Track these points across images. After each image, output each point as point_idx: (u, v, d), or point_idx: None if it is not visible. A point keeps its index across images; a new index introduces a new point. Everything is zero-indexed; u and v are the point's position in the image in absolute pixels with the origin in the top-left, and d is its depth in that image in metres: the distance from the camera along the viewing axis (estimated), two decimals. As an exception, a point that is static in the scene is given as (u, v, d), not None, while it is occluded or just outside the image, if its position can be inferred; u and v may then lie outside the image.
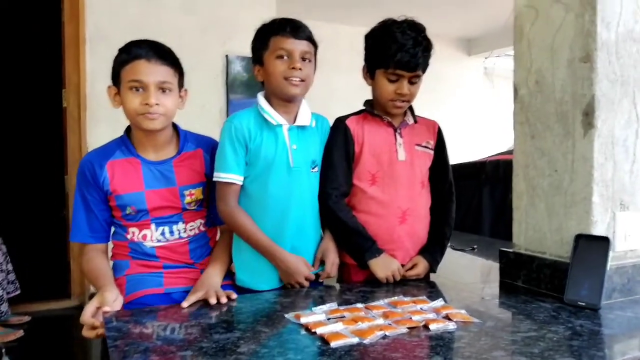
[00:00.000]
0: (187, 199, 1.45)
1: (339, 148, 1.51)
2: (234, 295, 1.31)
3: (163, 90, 1.36)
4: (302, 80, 1.42)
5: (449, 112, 6.71)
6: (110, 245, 1.49)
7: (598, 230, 1.30)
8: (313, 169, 1.48)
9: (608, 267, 1.25)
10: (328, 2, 5.02)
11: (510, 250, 1.51)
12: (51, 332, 3.26)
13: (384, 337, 1.03)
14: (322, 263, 1.50)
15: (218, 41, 3.86)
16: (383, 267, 1.47)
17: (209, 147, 1.50)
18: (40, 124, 4.81)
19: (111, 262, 1.47)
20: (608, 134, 1.30)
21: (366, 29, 1.58)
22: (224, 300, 1.26)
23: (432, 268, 1.57)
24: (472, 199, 3.41)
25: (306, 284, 1.43)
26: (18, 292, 3.20)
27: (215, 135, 1.55)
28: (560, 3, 1.35)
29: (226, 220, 1.43)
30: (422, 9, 5.38)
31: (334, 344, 0.98)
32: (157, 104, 1.34)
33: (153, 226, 1.43)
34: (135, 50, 1.36)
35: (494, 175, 3.43)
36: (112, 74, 1.41)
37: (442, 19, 5.75)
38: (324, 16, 4.96)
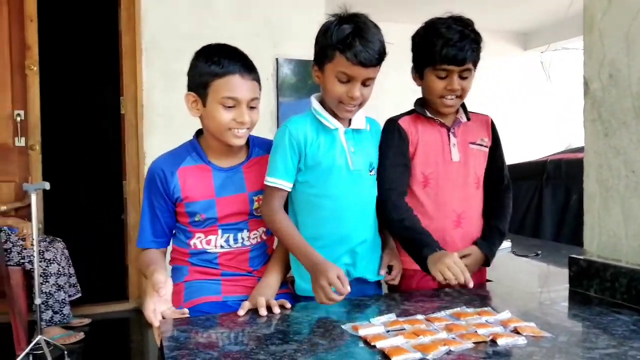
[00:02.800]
0: (255, 205, 1.44)
1: (394, 148, 1.47)
2: (288, 305, 1.27)
3: (252, 107, 1.37)
4: (358, 105, 1.36)
5: (504, 109, 6.47)
6: (169, 248, 1.50)
7: (683, 236, 1.19)
8: (371, 172, 1.44)
9: (696, 277, 1.13)
10: (376, 1, 4.97)
11: (581, 257, 1.40)
12: (110, 335, 3.36)
13: (449, 352, 0.96)
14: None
15: (269, 44, 3.88)
16: (438, 261, 1.32)
17: None
18: (100, 130, 4.99)
19: (169, 267, 1.48)
20: (694, 130, 1.18)
21: (415, 27, 1.52)
22: (276, 310, 1.23)
23: (488, 261, 1.49)
24: (532, 201, 3.26)
25: (338, 284, 1.22)
26: (79, 295, 3.31)
27: (267, 135, 1.54)
28: (635, -11, 1.25)
29: (267, 222, 1.40)
30: (476, 3, 5.24)
31: (395, 359, 0.93)
32: (247, 121, 1.35)
33: (220, 232, 1.43)
34: (229, 65, 1.33)
35: (555, 176, 3.26)
36: (195, 81, 1.37)
37: (496, 13, 5.56)
38: (373, 15, 4.91)
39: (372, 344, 0.99)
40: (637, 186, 1.26)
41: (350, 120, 1.42)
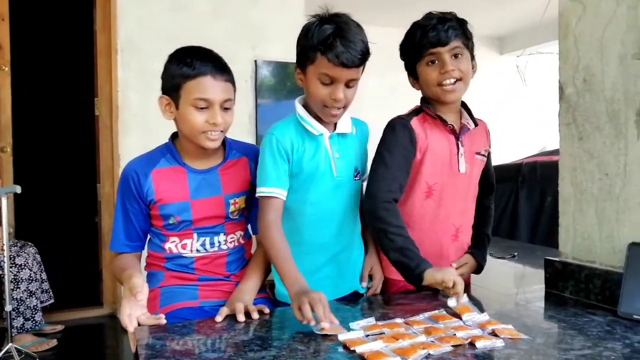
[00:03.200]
0: (232, 208, 1.41)
1: (401, 149, 1.37)
2: (267, 310, 1.25)
3: (226, 108, 1.34)
4: (342, 107, 1.33)
5: (480, 112, 6.49)
6: (144, 254, 1.46)
7: (655, 238, 1.21)
8: (355, 177, 1.42)
9: (668, 278, 1.16)
10: (356, 4, 4.98)
11: (557, 259, 1.42)
12: (84, 341, 3.29)
13: (428, 356, 0.96)
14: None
15: (248, 46, 3.86)
16: (443, 271, 1.24)
17: (254, 155, 1.45)
18: (73, 132, 4.88)
19: (145, 272, 1.44)
20: (664, 134, 1.21)
21: (396, 30, 1.51)
22: (255, 316, 1.21)
23: (480, 269, 1.49)
24: (507, 203, 3.31)
25: (319, 308, 1.10)
26: (52, 301, 3.23)
27: (245, 139, 1.52)
28: (609, -4, 1.27)
29: (261, 237, 1.35)
30: (453, 7, 5.31)
31: (374, 363, 0.92)
32: (221, 123, 1.32)
33: (195, 235, 1.40)
34: (200, 66, 1.30)
35: (531, 178, 3.31)
36: (167, 84, 1.34)
37: (473, 17, 5.56)
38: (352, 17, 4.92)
39: (352, 348, 0.99)
40: (611, 189, 1.28)
41: (335, 124, 1.39)
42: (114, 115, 3.50)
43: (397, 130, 1.39)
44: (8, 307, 2.57)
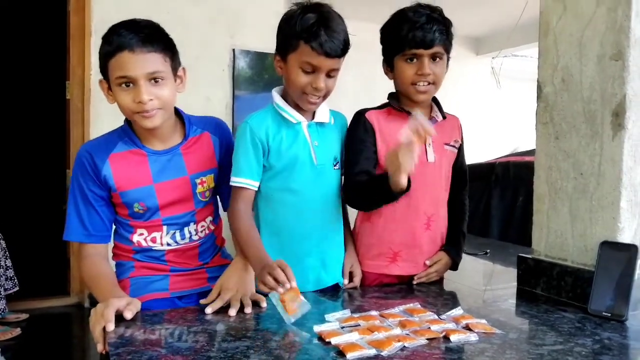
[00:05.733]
0: (199, 188, 1.35)
1: (359, 140, 1.41)
2: (264, 304, 1.20)
3: (155, 80, 1.20)
4: (322, 97, 1.32)
5: (453, 111, 6.58)
6: (111, 245, 1.38)
7: (625, 237, 1.23)
8: (335, 165, 1.41)
9: (636, 277, 1.18)
10: (336, -2, 4.97)
11: (530, 256, 1.44)
12: (49, 330, 3.20)
13: (403, 348, 0.96)
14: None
15: (226, 33, 3.80)
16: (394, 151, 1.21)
17: (216, 129, 1.40)
18: (43, 116, 4.75)
19: (113, 262, 1.39)
20: (638, 135, 1.23)
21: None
22: (248, 310, 1.16)
23: (455, 265, 1.50)
24: (480, 201, 3.34)
25: (281, 276, 1.10)
26: (16, 288, 3.14)
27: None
28: (589, -3, 1.29)
29: (230, 223, 1.33)
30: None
31: (350, 355, 0.91)
32: (151, 99, 1.20)
33: (165, 228, 1.33)
34: (118, 40, 1.18)
35: (503, 177, 3.35)
36: (100, 67, 1.25)
37: (451, 16, 5.66)
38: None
39: (327, 340, 0.98)
40: (585, 188, 1.30)
41: (314, 113, 1.38)
42: (86, 99, 3.41)
43: (353, 125, 1.45)
44: (-31, 294, 2.47)
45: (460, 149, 1.56)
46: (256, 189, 1.34)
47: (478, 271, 1.84)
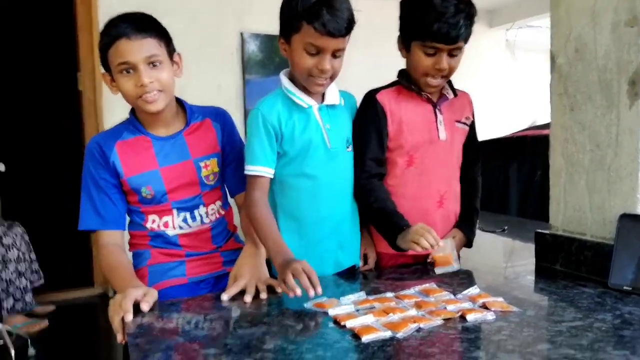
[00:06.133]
0: (204, 172, 1.38)
1: (369, 126, 1.40)
2: (279, 289, 1.18)
3: (153, 64, 1.26)
4: (329, 78, 1.30)
5: (469, 87, 6.46)
6: (126, 236, 1.41)
7: (645, 208, 1.21)
8: (348, 148, 1.40)
9: (657, 249, 1.16)
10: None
11: (547, 231, 1.42)
12: (76, 321, 3.28)
13: (418, 330, 0.96)
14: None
15: (233, 18, 3.76)
16: (412, 233, 1.26)
17: (217, 116, 1.43)
18: (57, 108, 4.78)
19: (130, 253, 1.41)
20: (656, 104, 1.19)
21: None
22: (264, 295, 1.17)
23: (470, 242, 1.49)
24: (497, 177, 3.30)
25: (303, 277, 1.09)
26: (42, 281, 3.20)
27: (233, 115, 1.49)
28: (602, -38, 1.24)
29: (247, 213, 1.33)
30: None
31: (365, 338, 0.91)
32: (151, 82, 1.25)
33: (175, 212, 1.36)
34: (114, 31, 1.24)
35: (521, 152, 3.30)
36: (101, 60, 1.31)
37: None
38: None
39: (342, 323, 0.98)
40: (602, 160, 1.27)
41: (323, 95, 1.36)
42: (97, 90, 3.42)
43: (363, 106, 1.43)
44: (-4, 288, 2.54)
45: (472, 126, 1.53)
46: (271, 176, 1.33)
47: (496, 248, 1.82)
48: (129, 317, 1.05)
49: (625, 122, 1.21)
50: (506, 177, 3.27)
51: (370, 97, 1.43)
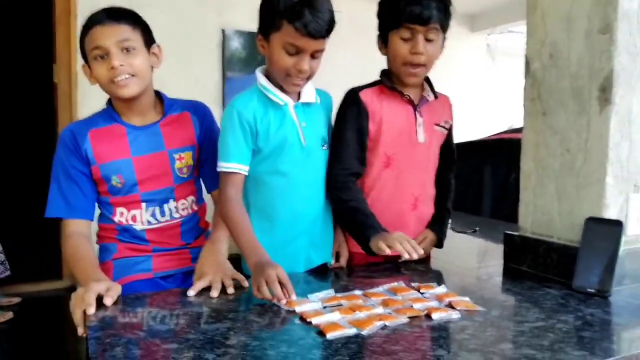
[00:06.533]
0: (177, 164, 1.37)
1: (350, 123, 1.39)
2: (246, 283, 1.19)
3: (127, 50, 1.26)
4: (306, 78, 1.29)
5: (449, 90, 6.53)
6: (95, 228, 1.39)
7: (610, 213, 1.23)
8: (323, 146, 1.39)
9: (620, 252, 1.18)
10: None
11: (516, 233, 1.44)
12: (42, 314, 3.21)
13: (384, 327, 0.96)
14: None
15: (214, 13, 3.73)
16: (387, 238, 1.27)
17: (196, 110, 1.42)
18: (30, 99, 4.69)
19: (97, 246, 1.39)
20: (626, 110, 1.21)
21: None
22: (230, 290, 1.15)
23: (440, 242, 1.50)
24: (472, 179, 3.33)
25: (276, 286, 1.07)
26: (8, 273, 3.13)
27: (213, 111, 1.48)
28: (577, -31, 1.26)
29: (220, 210, 1.32)
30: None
31: (330, 335, 0.91)
32: (122, 65, 1.25)
33: (143, 205, 1.34)
34: (91, 19, 1.28)
35: (496, 155, 3.34)
36: (80, 51, 1.32)
37: (444, -7, 5.60)
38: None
39: (308, 320, 0.97)
40: (572, 165, 1.29)
41: (299, 93, 1.35)
42: (73, 83, 3.36)
43: (346, 104, 1.42)
44: (-41, 279, 2.47)
45: (450, 129, 1.54)
46: (246, 173, 1.31)
47: (466, 249, 1.84)
48: (91, 310, 1.03)
49: (595, 128, 1.23)
50: (481, 179, 3.31)
51: (353, 94, 1.42)
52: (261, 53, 1.31)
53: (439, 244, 1.50)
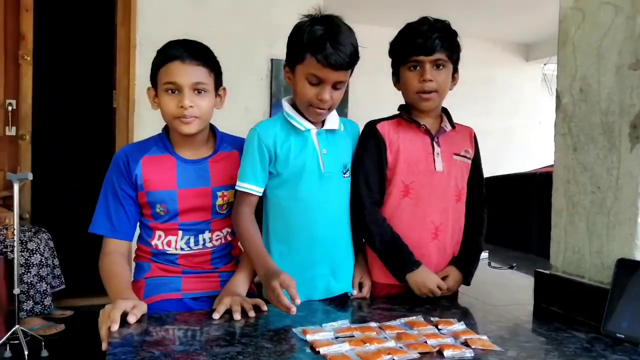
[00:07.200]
0: (219, 201, 1.42)
1: (370, 154, 1.43)
2: (265, 307, 1.23)
3: (198, 91, 1.34)
4: (328, 109, 1.34)
5: (504, 120, 6.46)
6: (134, 246, 1.47)
7: (644, 255, 1.17)
8: (345, 174, 1.42)
9: (653, 297, 1.12)
10: (376, 4, 4.94)
11: (547, 272, 1.39)
12: (91, 327, 3.32)
13: (391, 361, 0.96)
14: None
15: (265, 44, 3.87)
16: (421, 283, 1.38)
17: None
18: (91, 123, 4.98)
19: (133, 263, 1.47)
20: (658, 148, 1.17)
21: (389, 29, 1.51)
22: (252, 314, 1.19)
23: (466, 280, 1.47)
24: (519, 213, 3.23)
25: (285, 301, 1.17)
26: (63, 286, 3.30)
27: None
28: (609, 4, 1.24)
29: (234, 225, 1.39)
30: (477, 12, 5.21)
31: (335, 366, 0.92)
32: (191, 106, 1.32)
33: (180, 233, 1.40)
34: (170, 52, 1.33)
35: (544, 188, 3.22)
36: (150, 75, 1.40)
37: (498, 23, 5.54)
38: (370, 19, 4.89)
39: (317, 349, 0.99)
40: (602, 202, 1.25)
41: (323, 121, 1.39)
42: (130, 108, 3.56)
43: (364, 136, 1.47)
44: (16, 290, 2.63)
45: (476, 161, 1.53)
46: (260, 195, 1.37)
47: (499, 286, 1.79)
48: (115, 327, 1.08)
49: (625, 166, 1.19)
50: (528, 214, 3.20)
51: (371, 126, 1.47)
52: (287, 84, 1.38)
53: (465, 281, 1.47)
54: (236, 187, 1.36)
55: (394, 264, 1.42)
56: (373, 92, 3.74)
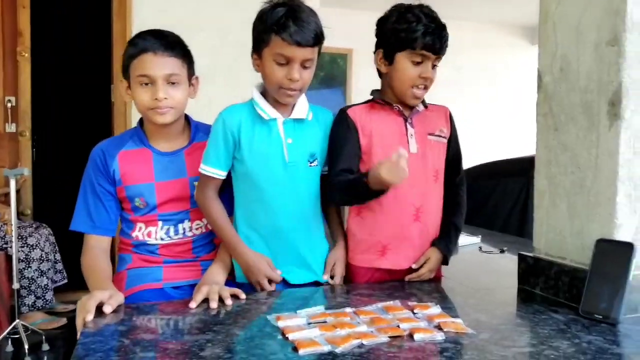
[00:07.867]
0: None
1: (341, 139, 1.42)
2: (243, 295, 1.24)
3: (172, 82, 1.34)
4: (299, 90, 1.34)
5: (509, 103, 6.38)
6: (117, 239, 1.48)
7: (623, 234, 1.15)
8: (312, 163, 1.41)
9: (631, 277, 1.10)
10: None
11: (530, 254, 1.38)
12: (95, 320, 3.37)
13: (360, 346, 0.95)
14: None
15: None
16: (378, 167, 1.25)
17: None
18: (90, 117, 4.99)
19: (117, 255, 1.48)
20: (637, 126, 1.14)
21: None
22: (228, 302, 1.20)
23: (446, 259, 1.46)
24: (518, 198, 3.20)
25: (267, 285, 1.37)
26: (65, 281, 3.33)
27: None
28: (587, -21, 1.21)
29: (201, 209, 1.40)
30: (476, -4, 5.12)
31: (302, 351, 0.91)
32: (165, 98, 1.33)
33: (160, 224, 1.42)
34: (142, 44, 1.34)
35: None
36: (122, 68, 1.39)
37: (503, 5, 5.45)
38: (373, 5, 4.84)
39: (287, 335, 0.98)
40: (582, 182, 1.23)
41: (292, 109, 1.39)
42: (128, 103, 3.56)
43: (336, 122, 1.46)
44: (15, 285, 2.66)
45: (452, 140, 1.52)
46: (223, 178, 1.38)
47: (486, 270, 1.77)
48: (89, 317, 1.09)
49: (604, 144, 1.17)
50: (526, 199, 3.17)
51: (342, 112, 1.46)
52: (256, 71, 1.38)
53: (444, 261, 1.46)
54: (199, 169, 1.37)
55: (362, 186, 1.32)
56: (377, 82, 3.72)
